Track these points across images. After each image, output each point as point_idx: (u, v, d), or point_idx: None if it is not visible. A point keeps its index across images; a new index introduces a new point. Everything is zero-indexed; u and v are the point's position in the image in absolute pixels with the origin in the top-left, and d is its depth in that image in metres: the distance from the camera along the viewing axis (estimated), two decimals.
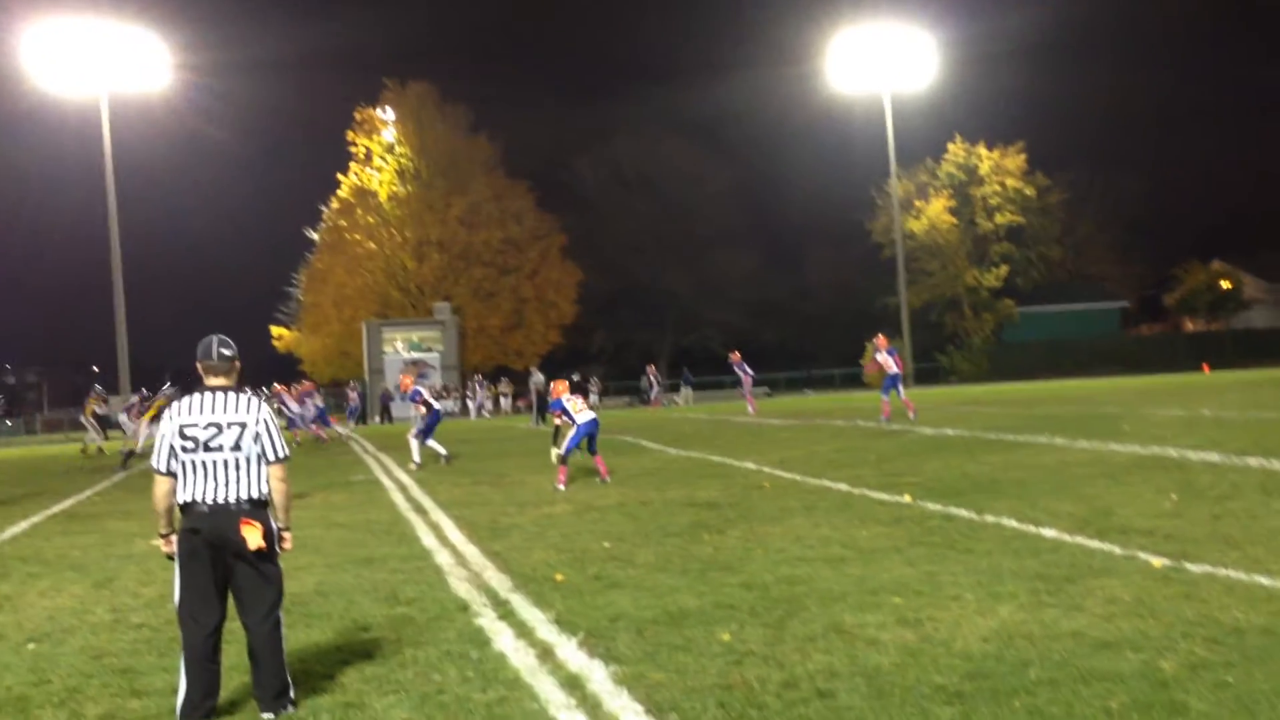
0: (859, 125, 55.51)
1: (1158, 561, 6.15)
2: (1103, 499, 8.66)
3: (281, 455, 4.52)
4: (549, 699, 4.43)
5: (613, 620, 5.60)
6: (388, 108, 54.46)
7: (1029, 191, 55.87)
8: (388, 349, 47.57)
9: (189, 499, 4.36)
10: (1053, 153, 59.58)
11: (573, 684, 4.61)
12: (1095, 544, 6.80)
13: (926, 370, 54.41)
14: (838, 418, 23.17)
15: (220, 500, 4.35)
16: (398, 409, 44.36)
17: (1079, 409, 20.96)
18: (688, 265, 65.65)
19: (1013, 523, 7.77)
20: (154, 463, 4.49)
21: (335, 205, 55.10)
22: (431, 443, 16.59)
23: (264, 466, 4.47)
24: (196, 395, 4.48)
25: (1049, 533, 7.30)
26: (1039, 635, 4.85)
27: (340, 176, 55.06)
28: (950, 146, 56.55)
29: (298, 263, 57.74)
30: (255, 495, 4.42)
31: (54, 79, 39.80)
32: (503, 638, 5.38)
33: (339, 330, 52.69)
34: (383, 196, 54.09)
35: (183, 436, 4.39)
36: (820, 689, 4.29)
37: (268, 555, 4.43)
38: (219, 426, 4.41)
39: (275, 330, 56.61)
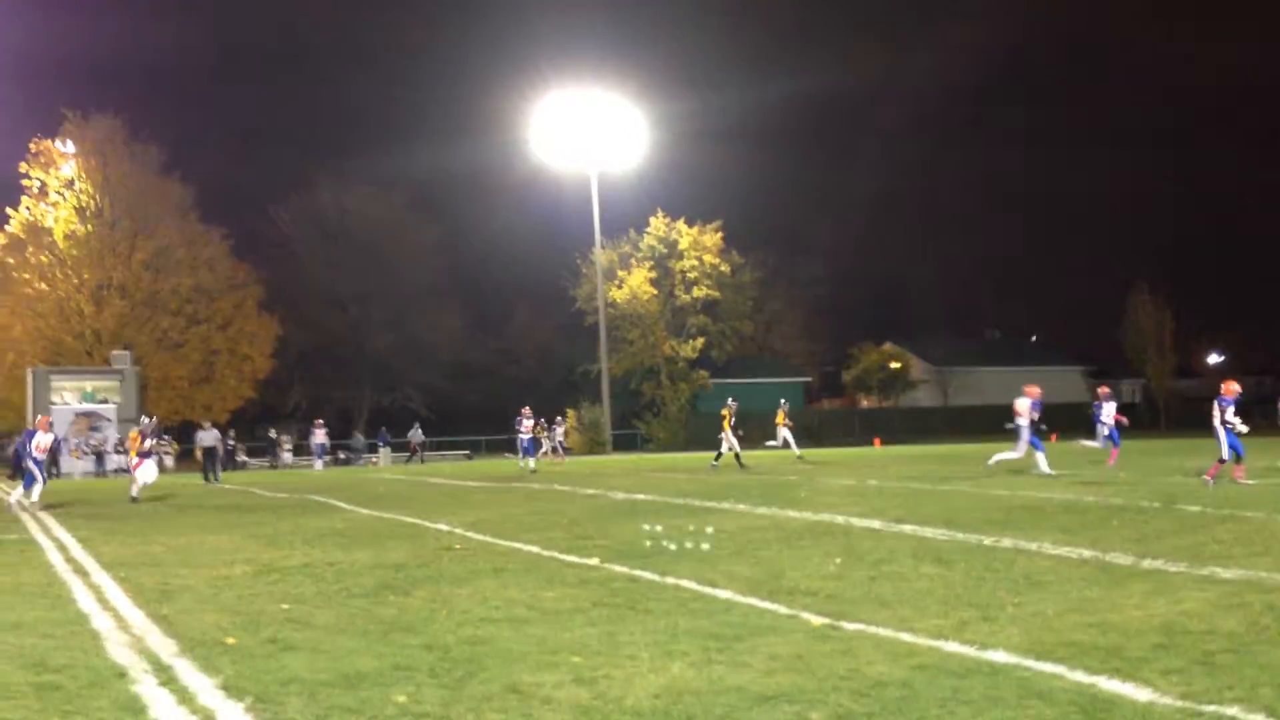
0: (566, 194, 56.92)
1: (818, 620, 6.55)
2: (776, 562, 9.15)
3: None
4: None
5: (284, 684, 5.38)
6: (68, 140, 50.75)
7: (724, 268, 58.67)
8: (55, 399, 43.84)
9: None
10: (747, 233, 63.00)
11: None
12: (765, 604, 7.17)
13: (624, 437, 55.73)
14: (535, 481, 23.34)
15: None
16: (66, 463, 41.07)
17: (762, 478, 22.06)
18: (390, 323, 64.66)
19: (692, 584, 8.07)
20: None
21: (2, 241, 50.63)
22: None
23: None
24: None
25: (724, 594, 7.63)
26: (705, 690, 5.05)
27: (10, 210, 50.75)
28: (652, 220, 58.67)
29: None
30: None
31: None
32: (161, 705, 5.05)
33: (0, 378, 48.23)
34: (58, 235, 50.19)
35: None
36: None
37: None
38: None
39: None
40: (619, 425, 55.76)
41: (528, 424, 28.85)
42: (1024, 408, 19.27)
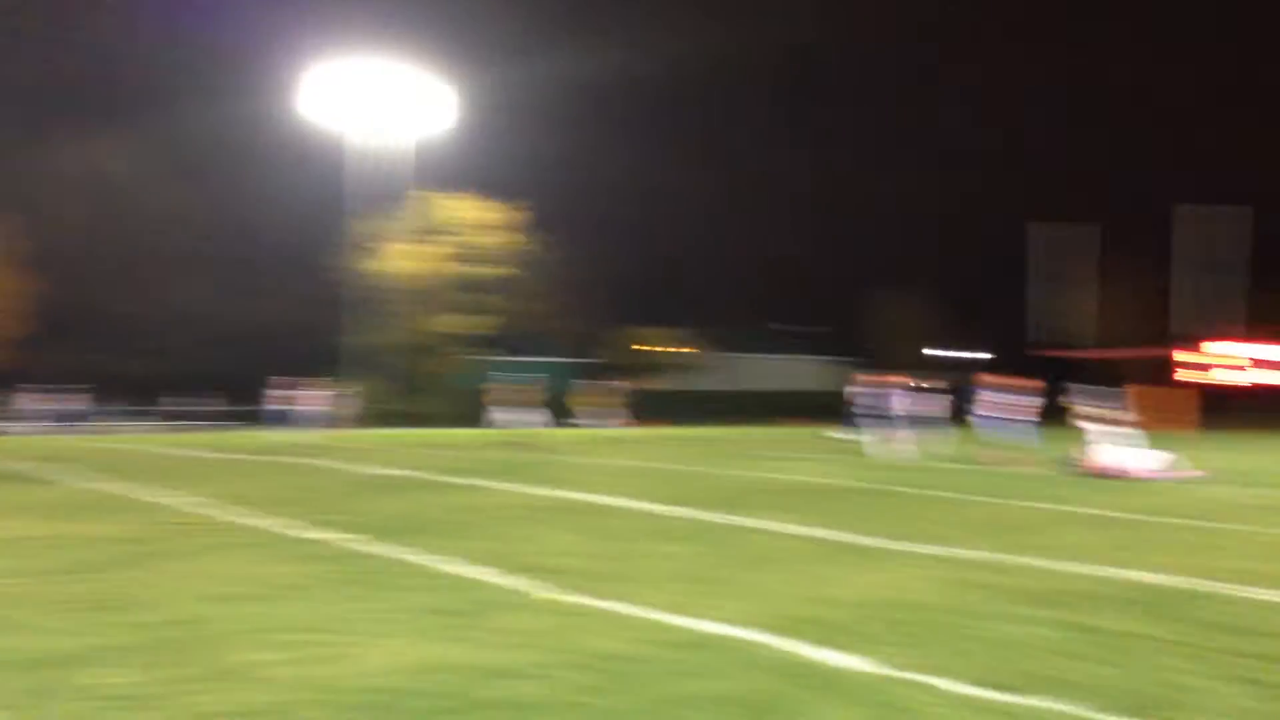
0: (336, 163, 55.47)
1: (559, 596, 6.62)
2: (522, 538, 9.18)
3: None
4: None
5: None
6: None
7: (511, 245, 58.16)
8: None
9: None
10: (543, 211, 62.34)
11: None
12: (507, 581, 7.17)
13: (395, 413, 54.63)
14: (288, 454, 22.59)
15: None
16: None
17: (520, 456, 22.09)
18: (147, 288, 61.45)
19: (436, 561, 7.98)
20: None
21: None
22: None
23: None
24: None
25: (468, 571, 7.59)
26: (438, 666, 5.02)
27: None
28: (435, 194, 57.56)
29: None
30: None
31: None
32: None
33: None
34: None
35: None
36: None
37: None
38: None
39: None
40: (391, 400, 54.64)
41: (301, 394, 27.93)
42: (882, 398, 20.44)
